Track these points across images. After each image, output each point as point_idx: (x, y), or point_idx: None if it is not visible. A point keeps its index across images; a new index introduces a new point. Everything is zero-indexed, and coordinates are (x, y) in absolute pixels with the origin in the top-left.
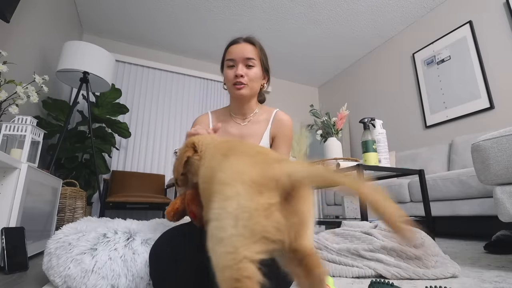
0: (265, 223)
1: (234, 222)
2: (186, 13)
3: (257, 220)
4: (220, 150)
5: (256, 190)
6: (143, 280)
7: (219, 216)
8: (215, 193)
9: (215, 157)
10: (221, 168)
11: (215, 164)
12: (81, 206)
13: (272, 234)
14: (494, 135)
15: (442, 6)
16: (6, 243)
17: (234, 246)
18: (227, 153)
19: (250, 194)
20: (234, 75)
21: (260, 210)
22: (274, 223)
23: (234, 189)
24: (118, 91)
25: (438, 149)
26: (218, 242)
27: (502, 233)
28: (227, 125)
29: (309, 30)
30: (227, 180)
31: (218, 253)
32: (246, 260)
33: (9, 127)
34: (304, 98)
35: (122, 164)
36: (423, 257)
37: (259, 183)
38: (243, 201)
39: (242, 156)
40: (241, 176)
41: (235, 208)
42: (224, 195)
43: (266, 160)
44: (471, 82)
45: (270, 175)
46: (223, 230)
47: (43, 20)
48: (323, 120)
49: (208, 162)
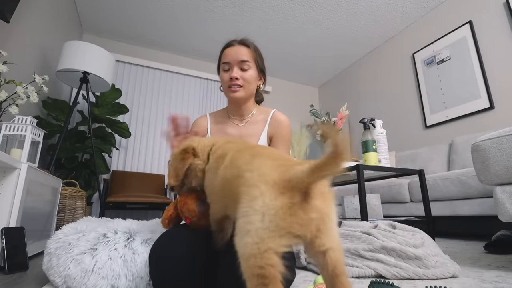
0: (289, 219)
1: (261, 217)
2: (186, 13)
3: (282, 216)
4: (242, 151)
5: (278, 190)
6: (143, 280)
7: (246, 213)
8: (242, 193)
9: (241, 157)
10: (248, 168)
11: (242, 163)
12: (81, 206)
13: (295, 230)
14: (494, 135)
15: (442, 6)
16: (6, 243)
17: (260, 237)
18: (254, 154)
19: (274, 193)
20: (229, 78)
21: (284, 208)
22: (298, 220)
23: (258, 190)
24: (118, 91)
25: (438, 149)
26: (245, 234)
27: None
28: (225, 126)
29: (309, 30)
30: (253, 181)
31: (244, 243)
32: (271, 250)
33: (9, 127)
34: (304, 98)
35: (122, 164)
36: (423, 257)
37: (279, 185)
38: (268, 200)
39: (266, 159)
40: (265, 179)
41: (261, 206)
42: (251, 195)
43: (286, 163)
44: (471, 82)
45: (287, 177)
46: (250, 224)
47: (43, 20)
48: (323, 120)
49: (228, 162)
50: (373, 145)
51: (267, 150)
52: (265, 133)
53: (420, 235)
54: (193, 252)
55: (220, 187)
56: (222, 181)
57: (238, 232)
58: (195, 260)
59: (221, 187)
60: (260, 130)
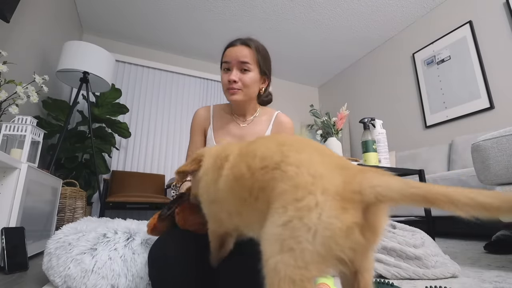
0: (343, 243)
1: (312, 238)
2: (186, 13)
3: (338, 240)
4: (260, 141)
5: (341, 205)
6: (143, 280)
7: (291, 224)
8: (284, 193)
9: (266, 145)
10: (290, 161)
11: (271, 153)
12: (81, 206)
13: (346, 255)
14: (494, 135)
15: (442, 6)
16: (6, 243)
17: (305, 261)
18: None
19: (335, 209)
20: (227, 80)
21: (343, 230)
22: (352, 244)
23: (314, 199)
24: (118, 91)
25: (438, 149)
26: (286, 251)
27: (502, 233)
28: (228, 124)
29: (309, 30)
30: (304, 183)
31: (284, 262)
32: (313, 279)
33: (9, 127)
34: (304, 98)
35: (122, 164)
36: (423, 257)
37: (343, 197)
38: (326, 217)
39: (316, 153)
40: (323, 183)
41: (315, 223)
42: (301, 202)
43: (346, 165)
44: (471, 82)
45: (355, 187)
46: (296, 242)
47: (43, 20)
48: (323, 120)
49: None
50: (373, 145)
51: (298, 139)
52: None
53: (420, 235)
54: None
55: (227, 190)
56: (231, 182)
57: (273, 241)
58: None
59: (228, 190)
60: (263, 131)
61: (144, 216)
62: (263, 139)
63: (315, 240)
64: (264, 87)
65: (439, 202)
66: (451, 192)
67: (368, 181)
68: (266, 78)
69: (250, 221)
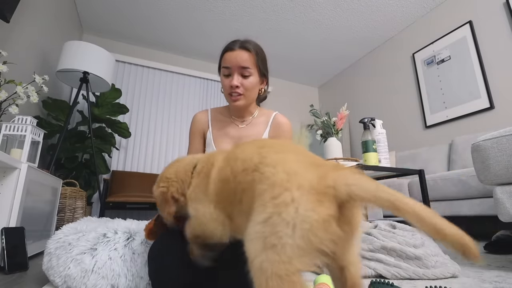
0: (323, 235)
1: (291, 232)
2: (187, 13)
3: (316, 232)
4: (242, 146)
5: (316, 198)
6: (143, 280)
7: (271, 222)
8: (263, 193)
9: (247, 149)
10: (267, 162)
11: (251, 155)
12: (81, 206)
13: (327, 247)
14: (494, 135)
15: (442, 6)
16: (6, 243)
17: (288, 256)
18: (263, 146)
19: (310, 202)
20: (229, 86)
21: (320, 222)
22: (332, 236)
23: (290, 194)
24: (118, 91)
25: (438, 149)
26: (268, 248)
27: (502, 233)
28: (226, 125)
29: (309, 30)
30: (280, 181)
31: (268, 259)
32: (299, 272)
33: (9, 127)
34: (304, 98)
35: (122, 164)
36: (423, 257)
37: (318, 190)
38: (303, 210)
39: (291, 153)
40: (297, 180)
41: (293, 217)
42: (278, 199)
43: (320, 163)
44: (471, 82)
45: (328, 182)
46: (276, 237)
47: (43, 20)
48: (323, 120)
49: (226, 161)
50: (373, 145)
51: (277, 142)
52: (266, 136)
53: (420, 235)
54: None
55: (215, 192)
56: (220, 183)
57: (255, 240)
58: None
59: (218, 192)
60: (261, 132)
61: (144, 216)
62: (246, 143)
63: (294, 234)
64: (263, 88)
65: (405, 214)
66: (419, 211)
67: (343, 178)
68: (264, 79)
69: (240, 224)
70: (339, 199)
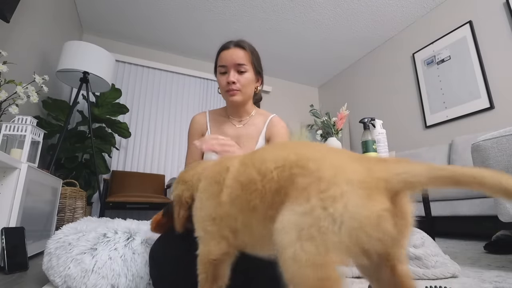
0: (372, 233)
1: (337, 228)
2: (187, 13)
3: (366, 230)
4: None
5: (366, 193)
6: (143, 280)
7: (313, 213)
8: (307, 185)
9: (274, 150)
10: (308, 157)
11: (285, 155)
12: (81, 206)
13: (373, 247)
14: (494, 135)
15: (442, 6)
16: (6, 243)
17: (327, 248)
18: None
19: (360, 198)
20: (226, 82)
21: (372, 219)
22: (381, 234)
23: (339, 189)
24: (118, 91)
25: (438, 149)
26: (305, 239)
27: (502, 233)
28: (223, 125)
29: (309, 30)
30: (327, 175)
31: (304, 250)
32: (336, 264)
33: (9, 127)
34: (304, 98)
35: (122, 164)
36: (423, 257)
37: (368, 184)
38: (352, 207)
39: (329, 149)
40: (346, 174)
41: (341, 213)
42: (325, 193)
43: (361, 157)
44: (471, 82)
45: (378, 175)
46: (318, 231)
47: (43, 20)
48: (323, 120)
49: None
50: (373, 145)
51: (305, 142)
52: (263, 136)
53: (420, 235)
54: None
55: (231, 203)
56: (237, 192)
57: (290, 230)
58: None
59: (233, 201)
60: (258, 132)
61: (144, 216)
62: (267, 147)
63: (341, 230)
64: (258, 86)
65: (466, 183)
66: (476, 173)
67: (391, 168)
68: (259, 78)
69: (260, 235)
70: (391, 191)
